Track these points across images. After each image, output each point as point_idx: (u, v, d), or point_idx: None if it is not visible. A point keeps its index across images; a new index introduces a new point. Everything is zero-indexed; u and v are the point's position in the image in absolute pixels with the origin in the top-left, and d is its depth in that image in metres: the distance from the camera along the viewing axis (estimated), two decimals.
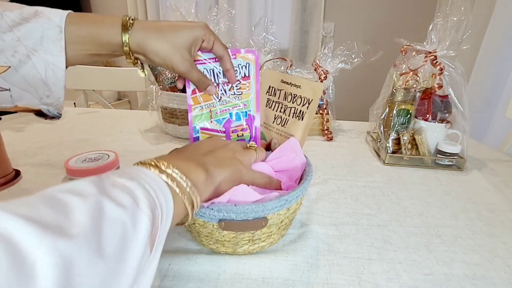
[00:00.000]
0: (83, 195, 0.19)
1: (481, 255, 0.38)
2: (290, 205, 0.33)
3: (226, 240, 0.33)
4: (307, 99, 0.41)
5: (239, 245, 0.34)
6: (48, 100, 0.37)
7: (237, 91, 0.43)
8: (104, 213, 0.18)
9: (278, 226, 0.35)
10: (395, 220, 0.45)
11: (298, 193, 0.33)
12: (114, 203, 0.19)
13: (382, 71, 0.82)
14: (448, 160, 0.64)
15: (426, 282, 0.33)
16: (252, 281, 0.33)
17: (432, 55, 0.63)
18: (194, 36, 0.38)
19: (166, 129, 0.79)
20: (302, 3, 2.13)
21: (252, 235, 0.33)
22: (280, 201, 0.31)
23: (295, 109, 0.42)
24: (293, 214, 0.36)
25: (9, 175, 0.52)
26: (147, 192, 0.22)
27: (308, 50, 2.23)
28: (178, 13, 0.71)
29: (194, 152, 0.33)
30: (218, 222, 0.31)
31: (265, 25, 0.82)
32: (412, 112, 0.66)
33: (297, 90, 0.42)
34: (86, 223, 0.17)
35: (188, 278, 0.33)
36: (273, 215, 0.32)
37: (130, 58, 0.38)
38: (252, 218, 0.31)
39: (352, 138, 0.84)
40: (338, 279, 0.33)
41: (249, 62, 0.42)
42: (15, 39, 0.33)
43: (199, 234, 0.35)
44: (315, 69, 0.82)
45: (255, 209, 0.30)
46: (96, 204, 0.18)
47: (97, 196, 0.19)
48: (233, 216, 0.30)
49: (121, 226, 0.19)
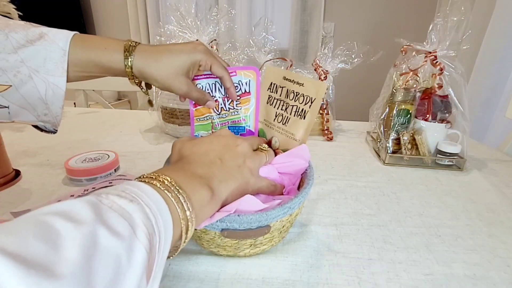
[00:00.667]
0: (78, 221, 0.17)
1: (481, 255, 0.38)
2: (293, 212, 0.33)
3: (228, 245, 0.33)
4: (310, 98, 0.41)
5: (240, 249, 0.34)
6: (45, 118, 0.37)
7: (236, 106, 0.45)
8: (98, 244, 0.17)
9: (279, 230, 0.35)
10: (395, 220, 0.45)
11: (300, 199, 0.33)
12: (110, 232, 0.18)
13: (382, 71, 0.82)
14: (448, 160, 0.64)
15: (426, 282, 0.33)
16: (252, 281, 0.33)
17: (432, 55, 0.63)
18: (191, 62, 0.39)
19: (166, 129, 0.79)
20: (302, 3, 2.13)
21: (254, 241, 0.33)
22: (284, 209, 0.31)
23: (297, 108, 0.42)
24: (294, 218, 0.36)
25: (9, 175, 0.52)
26: (146, 217, 0.21)
27: (308, 50, 2.24)
28: (178, 13, 0.71)
29: (201, 160, 0.31)
30: (220, 231, 0.31)
31: (265, 25, 0.82)
32: (412, 112, 0.66)
33: (299, 88, 0.42)
34: (77, 258, 0.16)
35: (188, 278, 0.33)
36: (276, 222, 0.32)
37: (133, 81, 0.39)
38: (256, 227, 0.31)
39: (352, 138, 0.84)
40: (338, 279, 0.33)
41: (250, 78, 0.44)
42: (19, 60, 0.33)
43: (200, 239, 0.35)
44: (315, 69, 0.82)
45: (258, 219, 0.30)
46: (90, 235, 0.17)
47: (92, 223, 0.18)
48: (236, 226, 0.30)
49: (115, 259, 0.17)
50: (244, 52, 0.80)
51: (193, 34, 0.74)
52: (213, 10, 0.74)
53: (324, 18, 2.17)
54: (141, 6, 2.29)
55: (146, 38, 2.39)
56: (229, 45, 0.81)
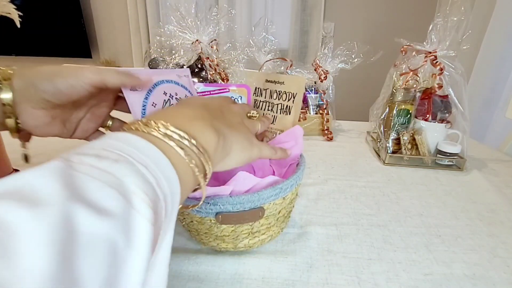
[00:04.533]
0: (40, 204, 0.11)
1: (480, 255, 0.38)
2: (286, 194, 0.33)
3: (225, 235, 0.33)
4: (292, 94, 0.43)
5: (239, 239, 0.34)
6: None
7: None
8: (76, 234, 0.11)
9: (276, 217, 0.35)
10: (395, 220, 0.45)
11: (292, 182, 0.33)
12: (93, 211, 0.12)
13: (382, 71, 0.82)
14: (448, 160, 0.64)
15: (425, 282, 0.33)
16: (252, 281, 0.33)
17: (432, 55, 0.63)
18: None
19: None
20: (302, 3, 2.13)
21: (251, 228, 0.33)
22: (275, 189, 0.31)
23: (282, 105, 0.44)
24: (290, 205, 0.36)
25: (9, 175, 0.52)
26: (143, 179, 0.15)
27: (308, 50, 2.24)
28: (178, 13, 0.71)
29: (200, 108, 0.26)
30: (215, 216, 0.31)
31: (265, 25, 0.82)
32: (412, 112, 0.66)
33: (281, 86, 0.44)
34: (44, 267, 0.10)
35: (188, 278, 0.33)
36: (270, 204, 0.32)
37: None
38: (249, 208, 0.31)
39: (352, 138, 0.84)
40: (337, 279, 0.33)
41: (242, 95, 0.43)
42: None
43: (198, 232, 0.35)
44: (315, 69, 0.82)
45: (251, 199, 0.30)
46: (62, 222, 0.11)
47: (63, 203, 0.12)
48: (229, 208, 0.30)
49: (108, 247, 0.12)
50: (244, 52, 0.80)
51: (193, 34, 0.74)
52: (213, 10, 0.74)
53: (324, 18, 2.17)
54: (141, 6, 2.29)
55: (146, 38, 2.39)
56: (229, 45, 0.81)
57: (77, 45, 2.52)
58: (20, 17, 0.63)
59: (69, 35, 2.50)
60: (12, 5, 0.61)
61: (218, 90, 0.41)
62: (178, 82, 0.37)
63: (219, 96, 0.35)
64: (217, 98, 0.32)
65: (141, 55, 2.47)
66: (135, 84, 0.29)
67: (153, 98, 0.34)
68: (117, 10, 2.43)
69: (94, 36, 2.57)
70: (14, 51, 2.67)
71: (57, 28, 2.49)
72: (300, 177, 0.35)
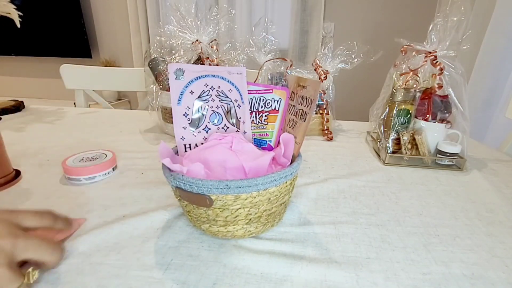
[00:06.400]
0: None
1: (479, 255, 0.38)
2: (239, 193, 0.33)
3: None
4: (310, 100, 0.41)
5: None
6: None
7: (264, 121, 0.47)
8: None
9: (246, 211, 0.35)
10: (394, 219, 0.45)
11: (249, 183, 0.32)
12: None
13: (382, 71, 0.82)
14: (448, 160, 0.64)
15: (424, 281, 0.33)
16: (251, 276, 0.33)
17: (432, 55, 0.63)
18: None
19: (166, 129, 0.79)
20: (302, 3, 2.13)
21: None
22: (221, 183, 0.32)
23: (302, 111, 0.42)
24: (264, 205, 0.36)
25: (9, 175, 0.52)
26: None
27: (308, 50, 2.24)
28: (178, 13, 0.71)
29: None
30: (175, 189, 0.35)
31: (265, 25, 0.82)
32: (412, 112, 0.66)
33: (304, 91, 0.42)
34: None
35: (189, 271, 0.33)
36: (218, 196, 0.33)
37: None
38: (196, 192, 0.33)
39: (352, 138, 0.84)
40: (336, 276, 0.33)
41: (281, 98, 0.45)
42: None
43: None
44: (315, 69, 0.82)
45: (196, 183, 0.33)
46: None
47: None
48: (181, 185, 0.34)
49: None
50: (244, 52, 0.80)
51: (193, 34, 0.74)
52: (213, 10, 0.75)
53: (324, 18, 2.18)
54: (141, 6, 2.29)
55: (146, 38, 2.39)
56: (229, 45, 0.81)
57: (77, 45, 2.52)
58: (20, 17, 0.63)
59: (69, 35, 2.50)
60: (12, 5, 0.61)
61: (263, 90, 0.45)
62: (226, 78, 0.43)
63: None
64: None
65: (141, 55, 2.47)
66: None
67: (193, 87, 0.41)
68: (117, 10, 2.43)
69: (94, 36, 2.58)
70: (14, 51, 2.67)
71: (57, 28, 2.49)
72: (263, 182, 0.33)
